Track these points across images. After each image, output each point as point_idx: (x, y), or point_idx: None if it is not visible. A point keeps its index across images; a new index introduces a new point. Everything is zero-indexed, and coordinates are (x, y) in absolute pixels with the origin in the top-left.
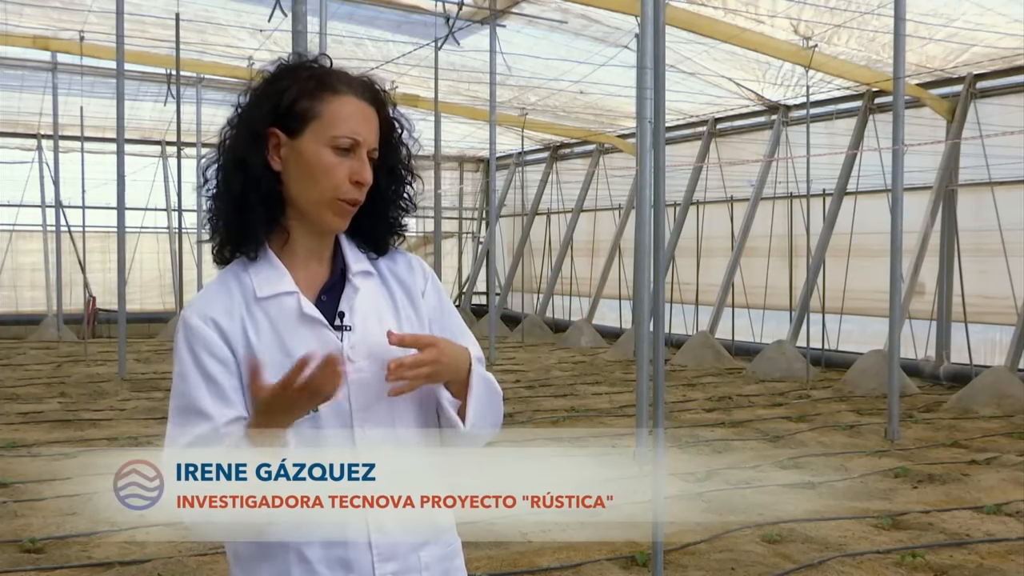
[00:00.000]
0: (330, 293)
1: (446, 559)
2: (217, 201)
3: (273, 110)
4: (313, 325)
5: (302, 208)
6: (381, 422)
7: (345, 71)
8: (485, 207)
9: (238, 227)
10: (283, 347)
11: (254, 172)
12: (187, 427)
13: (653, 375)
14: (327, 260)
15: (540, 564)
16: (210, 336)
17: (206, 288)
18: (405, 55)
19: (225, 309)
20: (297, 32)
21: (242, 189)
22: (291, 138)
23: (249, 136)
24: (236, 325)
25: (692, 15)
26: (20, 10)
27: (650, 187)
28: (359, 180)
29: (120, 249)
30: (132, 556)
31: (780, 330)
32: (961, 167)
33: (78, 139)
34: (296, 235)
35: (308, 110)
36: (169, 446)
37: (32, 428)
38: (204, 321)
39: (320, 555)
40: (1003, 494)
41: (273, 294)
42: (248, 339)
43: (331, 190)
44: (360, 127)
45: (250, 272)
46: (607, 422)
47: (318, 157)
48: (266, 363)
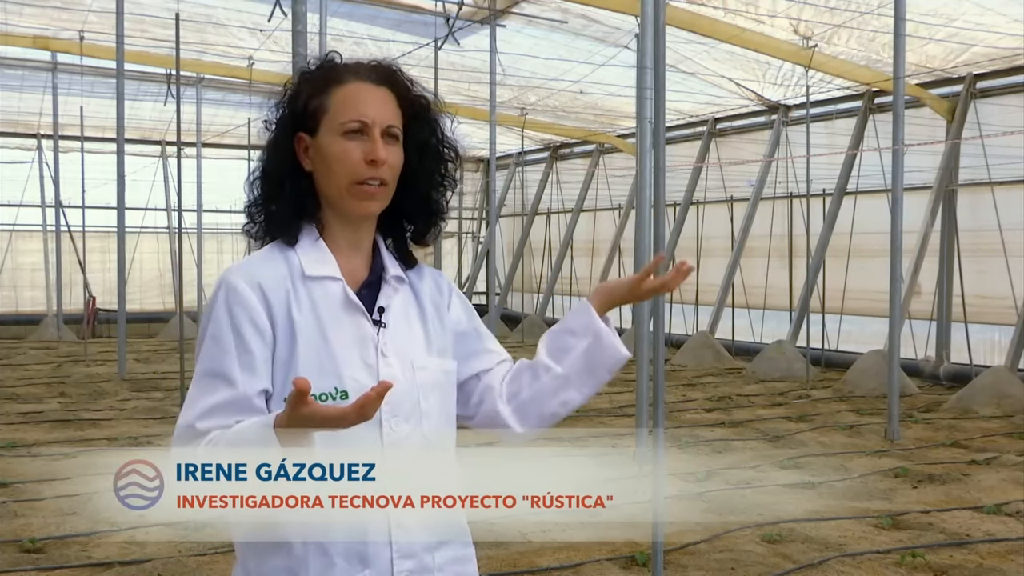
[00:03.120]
0: (369, 290)
1: (458, 563)
2: (257, 207)
3: (293, 115)
4: (355, 314)
5: (332, 200)
6: (408, 419)
7: (355, 61)
8: (485, 207)
9: (278, 224)
10: (321, 329)
11: (288, 176)
12: (209, 392)
13: (653, 375)
14: (367, 259)
15: (540, 564)
16: (253, 301)
17: (252, 256)
18: (405, 55)
19: (273, 277)
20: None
21: (279, 192)
22: (313, 138)
23: (278, 144)
24: (281, 296)
25: (692, 15)
26: (20, 10)
27: (650, 187)
28: (373, 159)
29: (120, 249)
30: (132, 556)
31: (780, 330)
32: (961, 167)
33: (78, 139)
34: (334, 227)
35: (319, 106)
36: (187, 408)
37: (32, 428)
38: (250, 285)
39: (339, 548)
40: (1003, 494)
41: (321, 275)
42: (290, 312)
43: (348, 175)
44: (367, 108)
45: (297, 252)
46: (607, 422)
47: (332, 147)
48: (308, 342)
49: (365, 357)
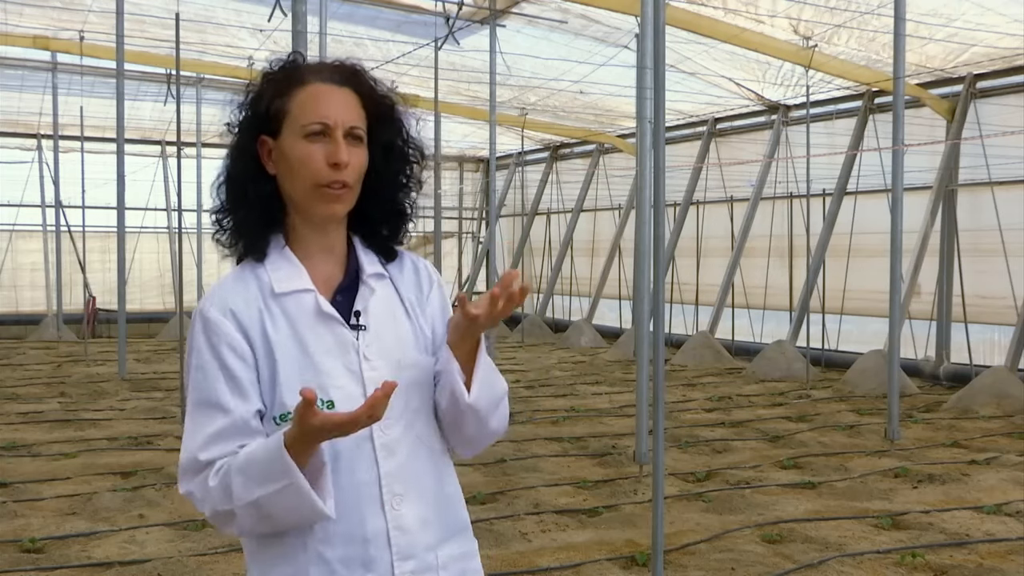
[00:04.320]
0: (345, 293)
1: (462, 559)
2: (223, 213)
3: (256, 118)
4: (330, 323)
5: (297, 203)
6: (398, 420)
7: (317, 61)
8: (485, 207)
9: (245, 235)
10: (300, 343)
11: (252, 181)
12: (206, 422)
13: (653, 375)
14: (341, 261)
15: (540, 564)
16: (229, 329)
17: (223, 281)
18: (405, 55)
19: (243, 301)
20: (297, 32)
21: (244, 197)
22: (276, 140)
23: (241, 148)
24: (254, 317)
25: (692, 15)
26: (20, 10)
27: (650, 187)
28: (335, 161)
29: (120, 249)
30: (132, 556)
31: (780, 330)
32: (961, 167)
33: (78, 139)
34: (302, 231)
35: (280, 109)
36: (187, 441)
37: (32, 428)
38: (223, 313)
39: (339, 554)
40: (1003, 494)
41: (291, 291)
42: (266, 331)
43: (311, 178)
44: (328, 110)
45: (267, 268)
46: (607, 422)
47: (295, 150)
48: (287, 358)
49: (348, 364)
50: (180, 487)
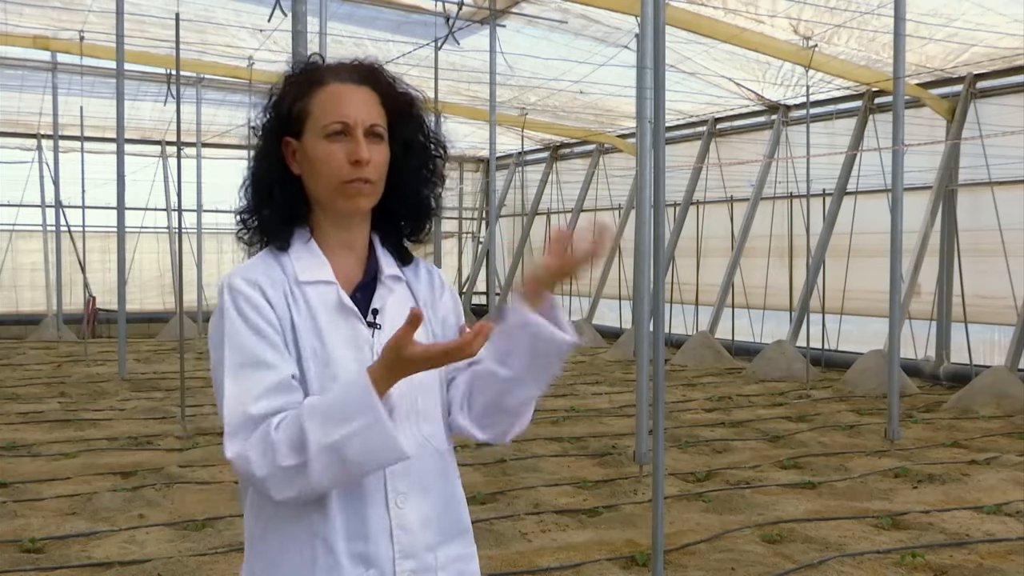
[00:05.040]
0: (363, 291)
1: (460, 561)
2: (249, 213)
3: (278, 120)
4: (349, 318)
5: (321, 202)
6: (408, 419)
7: (336, 62)
8: (485, 207)
9: (269, 231)
10: (318, 333)
11: (278, 182)
12: (254, 380)
13: (653, 375)
14: (362, 259)
15: (540, 564)
16: (258, 300)
17: (249, 261)
18: (405, 55)
19: (269, 280)
20: (297, 32)
21: (269, 198)
22: (299, 141)
23: (266, 150)
24: (280, 297)
25: (692, 15)
26: (20, 10)
27: (650, 187)
28: (356, 159)
29: (120, 249)
30: (132, 556)
31: (780, 330)
32: (961, 167)
33: (78, 139)
34: (326, 228)
35: (302, 110)
36: (232, 401)
37: (32, 428)
38: (251, 286)
39: (344, 548)
40: (1003, 494)
41: (314, 280)
42: (290, 313)
43: (334, 176)
44: (348, 108)
45: (291, 256)
46: (607, 422)
47: (316, 150)
48: (306, 345)
49: (360, 360)
50: (228, 451)
